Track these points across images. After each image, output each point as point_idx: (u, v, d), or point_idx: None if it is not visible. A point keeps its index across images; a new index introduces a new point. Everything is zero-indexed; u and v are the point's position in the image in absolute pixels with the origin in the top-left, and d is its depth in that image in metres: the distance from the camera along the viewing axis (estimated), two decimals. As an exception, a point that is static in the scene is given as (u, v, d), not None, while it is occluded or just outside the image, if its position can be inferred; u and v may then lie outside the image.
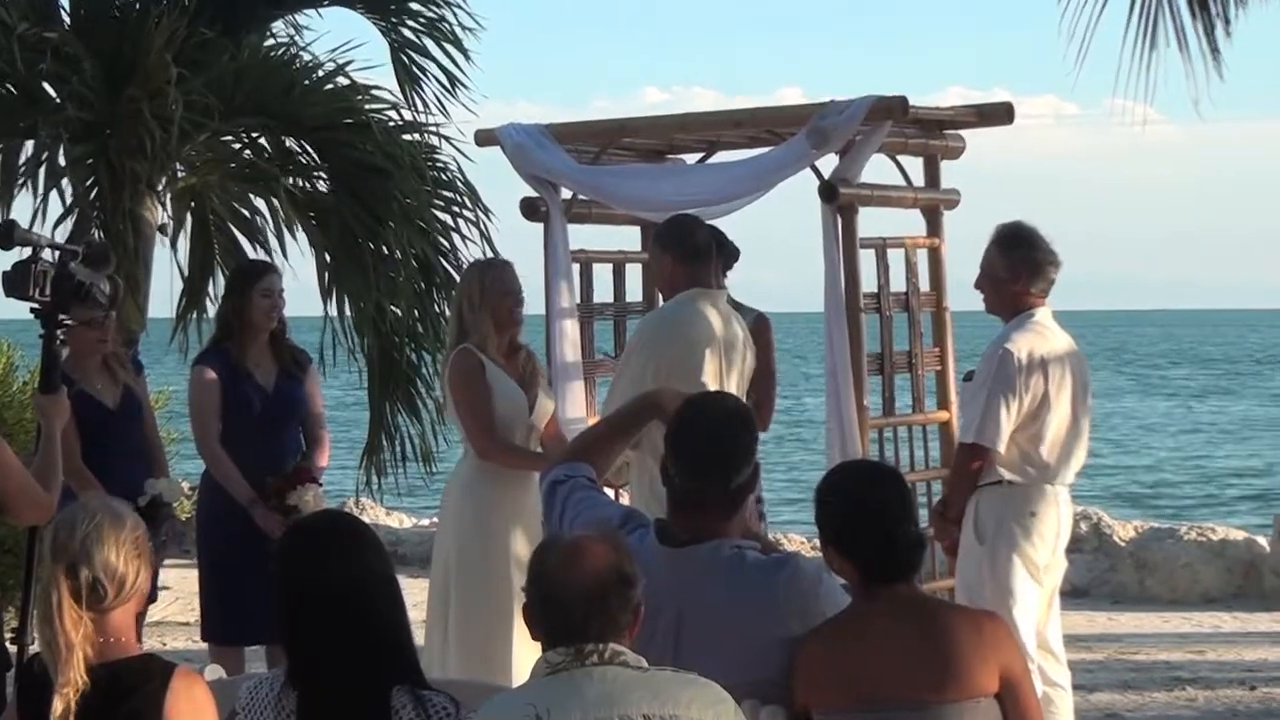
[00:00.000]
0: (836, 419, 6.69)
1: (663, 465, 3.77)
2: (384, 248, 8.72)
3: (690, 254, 6.09)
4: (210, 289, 9.09)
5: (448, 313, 8.37)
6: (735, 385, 6.06)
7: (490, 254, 8.57)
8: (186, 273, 9.03)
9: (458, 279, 8.27)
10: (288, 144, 8.92)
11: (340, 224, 8.67)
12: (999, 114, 7.26)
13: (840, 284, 6.74)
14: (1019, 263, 6.01)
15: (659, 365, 5.90)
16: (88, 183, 8.51)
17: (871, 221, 6.97)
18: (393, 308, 8.77)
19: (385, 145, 8.58)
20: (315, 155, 8.85)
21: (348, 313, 8.85)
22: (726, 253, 6.84)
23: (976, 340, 7.15)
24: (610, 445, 4.23)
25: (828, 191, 6.76)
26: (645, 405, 4.21)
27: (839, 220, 6.78)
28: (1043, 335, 6.03)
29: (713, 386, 5.91)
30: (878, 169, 7.15)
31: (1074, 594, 9.76)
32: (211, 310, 8.92)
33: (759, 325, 6.68)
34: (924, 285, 7.32)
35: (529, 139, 7.35)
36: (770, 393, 6.92)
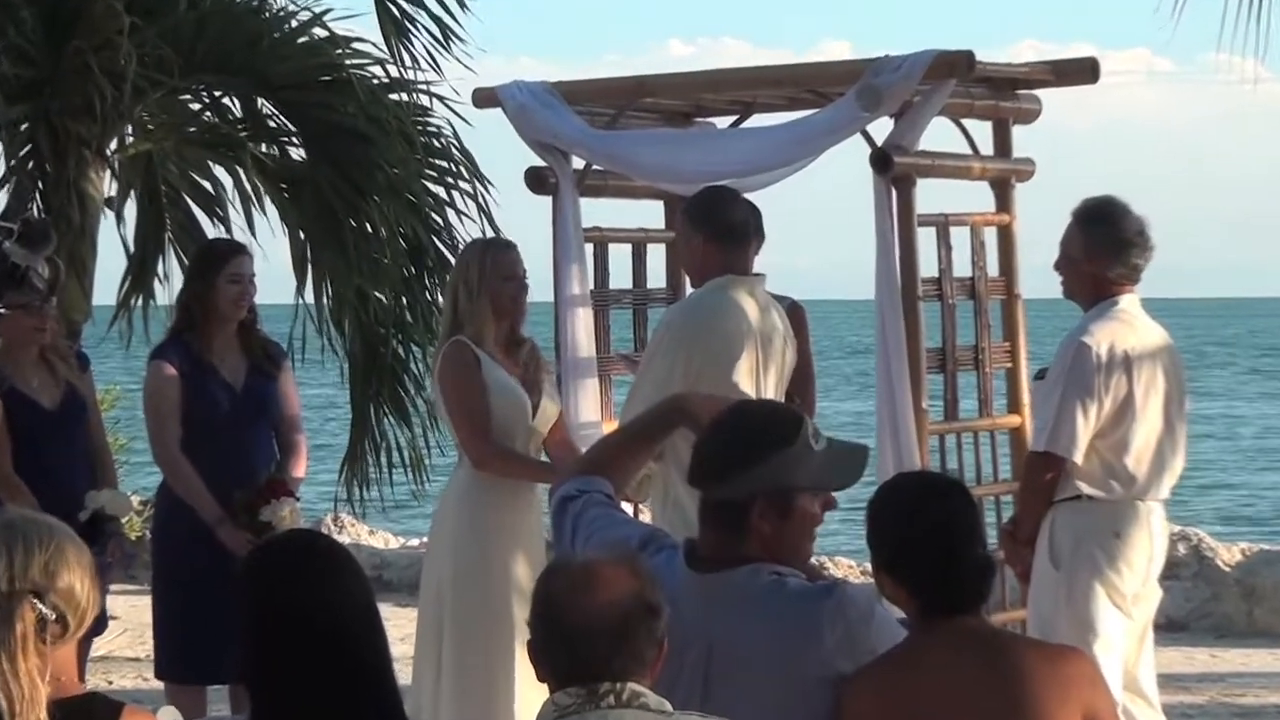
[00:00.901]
0: (890, 424, 6.70)
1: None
2: (367, 225, 8.75)
3: (725, 233, 6.08)
4: (160, 270, 9.11)
5: (440, 300, 8.38)
6: (773, 384, 6.09)
7: (490, 232, 8.60)
8: (133, 251, 9.04)
9: (452, 261, 8.31)
10: (255, 105, 8.94)
11: (316, 197, 8.69)
12: (1081, 71, 7.25)
13: (895, 268, 6.76)
14: (1099, 241, 6.00)
15: (689, 363, 5.92)
16: (25, 149, 8.54)
17: (932, 195, 7.01)
18: (377, 294, 8.80)
19: (369, 106, 8.60)
20: (287, 118, 8.88)
21: (325, 300, 8.87)
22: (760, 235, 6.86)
23: (1054, 333, 7.13)
24: (631, 456, 4.21)
25: (881, 160, 6.77)
26: (673, 410, 4.20)
27: (894, 194, 6.79)
28: (1128, 326, 6.02)
29: (747, 386, 5.94)
30: (939, 134, 7.17)
31: (1170, 628, 9.67)
32: (161, 296, 8.97)
33: (793, 315, 6.71)
34: (993, 269, 7.33)
35: (534, 100, 7.39)
36: (811, 392, 6.96)
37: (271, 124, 8.95)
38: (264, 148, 8.97)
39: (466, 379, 6.16)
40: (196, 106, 9.17)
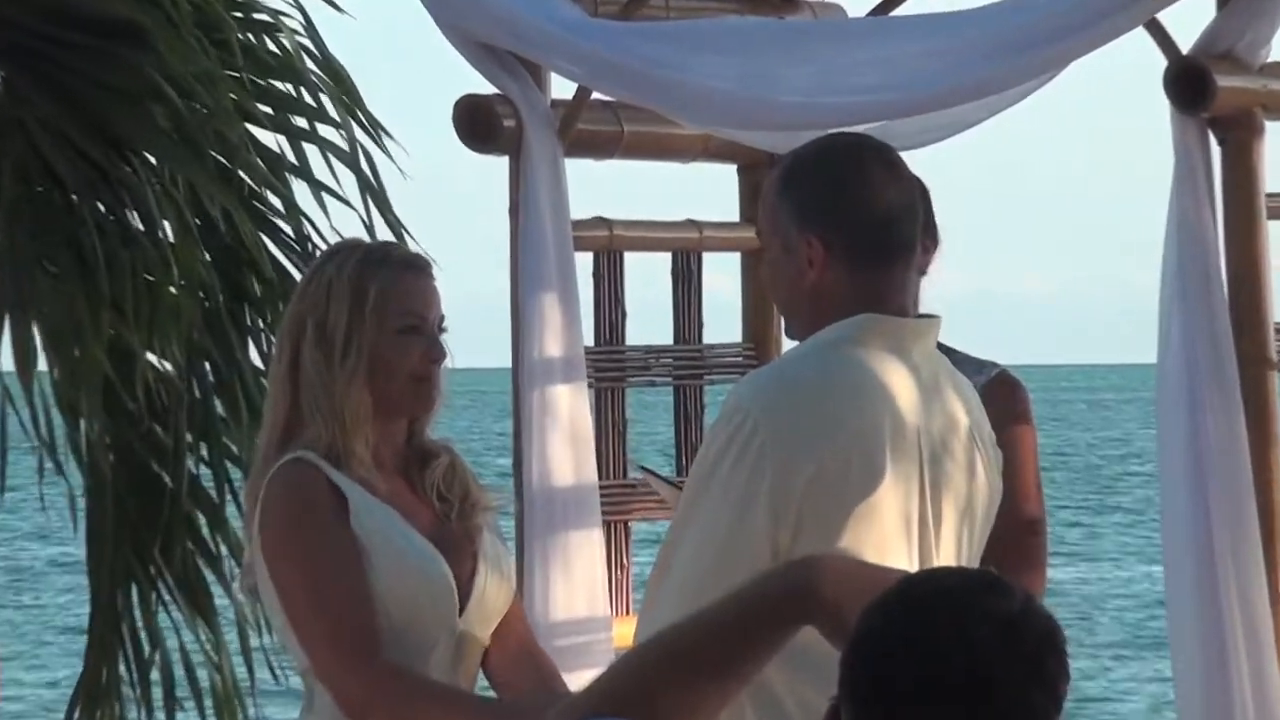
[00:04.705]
0: (1208, 601, 7.05)
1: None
2: (132, 213, 8.83)
3: (860, 232, 6.13)
4: None
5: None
6: (952, 540, 6.16)
7: (381, 225, 8.90)
8: None
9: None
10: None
11: (25, 156, 8.71)
12: None
13: (1218, 295, 7.01)
14: None
15: (784, 489, 5.95)
16: None
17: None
18: (151, 356, 8.87)
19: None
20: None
21: (41, 364, 8.91)
22: (930, 233, 7.33)
23: None
24: (694, 682, 4.48)
25: (1189, 83, 7.01)
26: (793, 590, 4.45)
27: (1212, 149, 7.05)
28: None
29: (897, 543, 6.01)
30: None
31: None
32: None
33: (1000, 398, 7.13)
34: None
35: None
36: (1037, 552, 7.49)
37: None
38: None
39: (318, 536, 6.37)
40: None
